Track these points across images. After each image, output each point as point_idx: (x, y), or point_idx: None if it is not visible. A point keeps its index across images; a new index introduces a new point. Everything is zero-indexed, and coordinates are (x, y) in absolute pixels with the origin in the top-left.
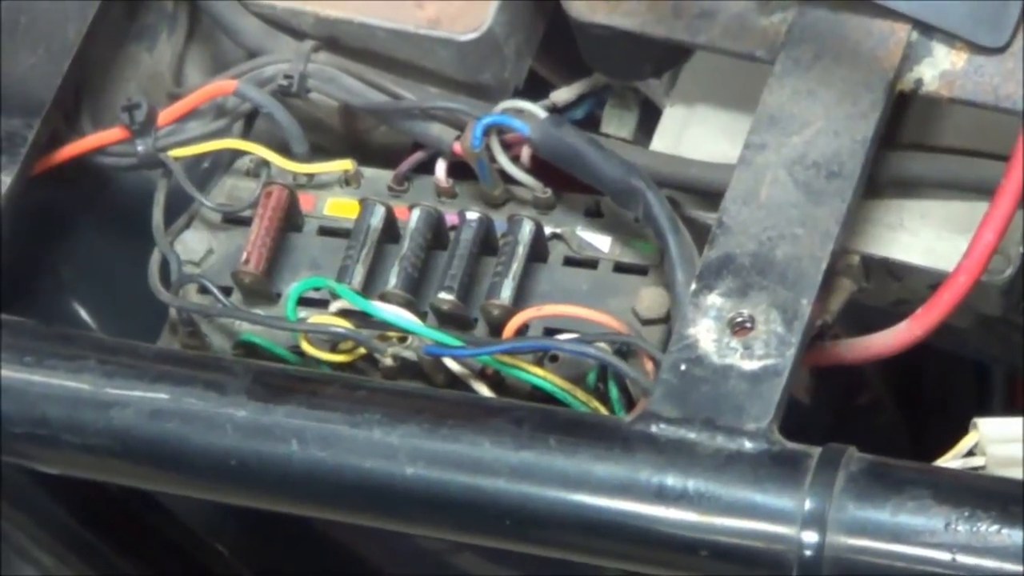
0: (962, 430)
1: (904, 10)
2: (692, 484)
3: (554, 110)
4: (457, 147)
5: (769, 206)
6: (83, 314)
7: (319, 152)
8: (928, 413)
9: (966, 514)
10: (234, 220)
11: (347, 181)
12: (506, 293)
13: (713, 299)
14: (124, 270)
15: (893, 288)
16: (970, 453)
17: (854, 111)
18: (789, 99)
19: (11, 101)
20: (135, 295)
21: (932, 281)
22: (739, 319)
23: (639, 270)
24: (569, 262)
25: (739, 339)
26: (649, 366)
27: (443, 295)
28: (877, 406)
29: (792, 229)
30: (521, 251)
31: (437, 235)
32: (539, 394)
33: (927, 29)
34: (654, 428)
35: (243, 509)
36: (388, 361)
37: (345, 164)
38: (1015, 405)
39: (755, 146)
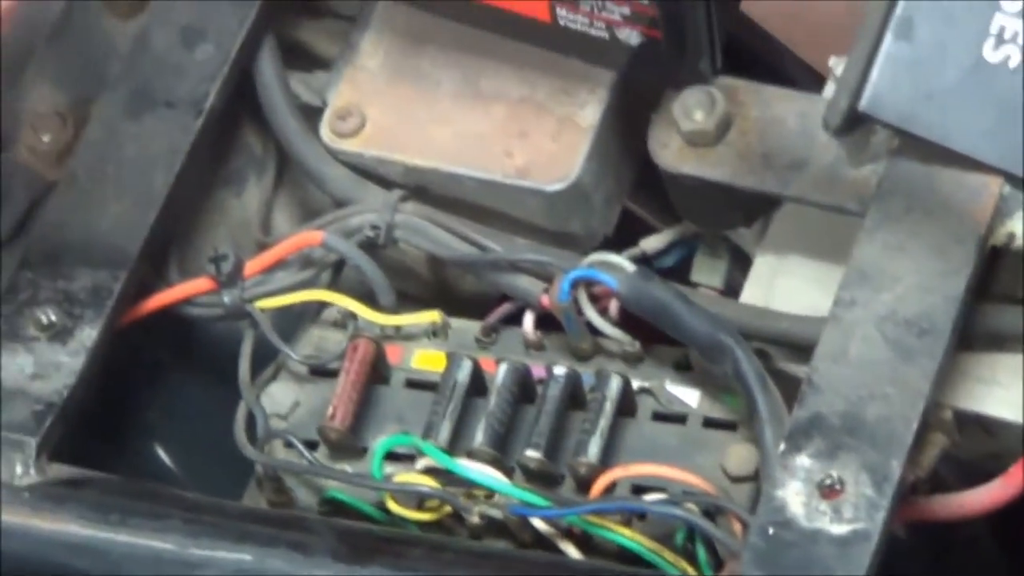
0: None
1: (996, 163)
2: None
3: (643, 258)
4: (545, 300)
5: (859, 364)
6: (167, 461)
7: (406, 299)
8: None
9: None
10: (321, 372)
11: (434, 332)
12: (593, 451)
13: (802, 460)
14: (210, 418)
15: (986, 443)
16: None
17: (945, 267)
18: (879, 254)
19: (98, 253)
20: (221, 442)
21: None
22: (828, 481)
23: (728, 425)
24: (657, 417)
25: (828, 502)
26: (738, 527)
27: (530, 452)
28: (976, 542)
29: (882, 388)
30: (609, 407)
31: (524, 389)
32: (627, 554)
33: (1019, 182)
34: None
35: None
36: (475, 519)
37: (432, 316)
38: None
39: (845, 302)
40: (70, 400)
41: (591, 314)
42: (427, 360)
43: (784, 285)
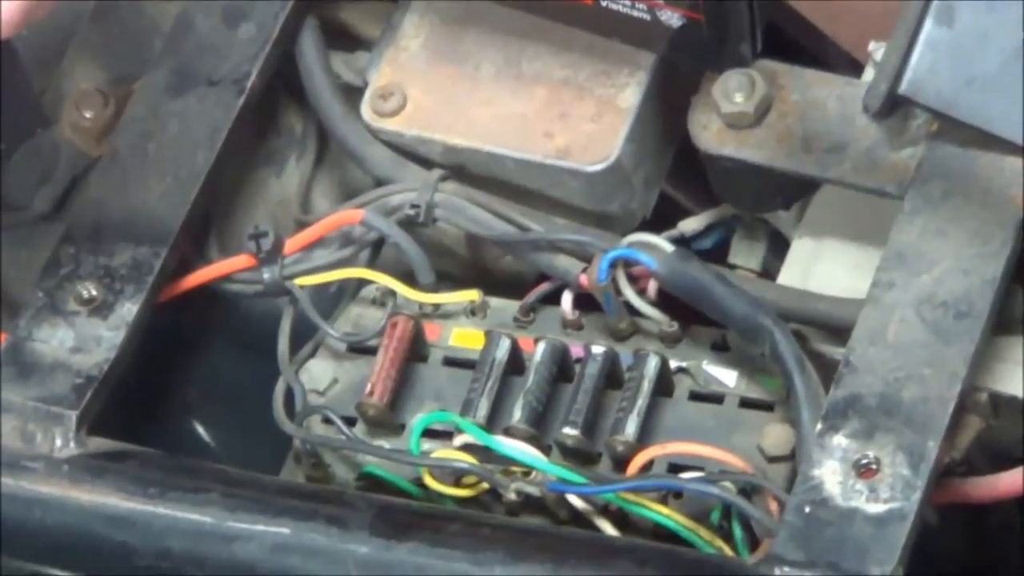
0: None
1: None
2: None
3: (682, 240)
4: (584, 279)
5: (897, 346)
6: (206, 436)
7: (445, 278)
8: None
9: None
10: (359, 349)
11: (473, 311)
12: (631, 429)
13: (839, 440)
14: (248, 394)
15: (1021, 426)
16: None
17: (984, 250)
18: (918, 237)
19: (139, 229)
20: (258, 418)
21: None
22: (865, 461)
23: (765, 406)
24: (695, 397)
25: (864, 481)
26: (774, 506)
27: (567, 430)
28: (1009, 529)
29: (920, 370)
30: (646, 386)
31: (562, 368)
32: (663, 531)
33: None
34: (777, 571)
35: None
36: (512, 496)
37: (471, 295)
38: None
39: (883, 284)
40: (110, 374)
41: (629, 294)
42: (465, 338)
43: (821, 267)
